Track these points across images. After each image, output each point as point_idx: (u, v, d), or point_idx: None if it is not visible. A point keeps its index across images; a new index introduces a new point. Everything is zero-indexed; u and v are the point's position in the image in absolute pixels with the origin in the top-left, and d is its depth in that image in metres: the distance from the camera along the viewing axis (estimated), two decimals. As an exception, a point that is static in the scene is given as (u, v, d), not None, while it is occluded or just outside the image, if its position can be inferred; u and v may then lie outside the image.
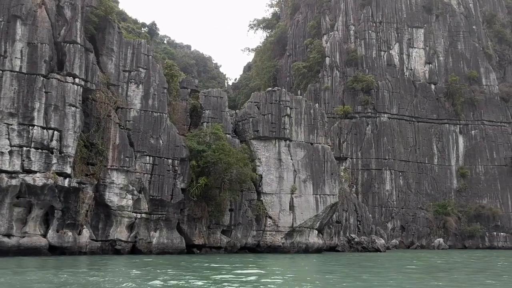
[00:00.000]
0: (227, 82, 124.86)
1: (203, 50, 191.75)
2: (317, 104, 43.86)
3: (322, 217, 40.67)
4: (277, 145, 40.29)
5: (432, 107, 72.11)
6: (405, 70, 72.77)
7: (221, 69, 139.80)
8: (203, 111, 39.19)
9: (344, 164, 67.00)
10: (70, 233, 30.85)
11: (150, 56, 35.98)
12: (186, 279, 18.06)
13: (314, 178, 40.53)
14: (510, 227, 67.57)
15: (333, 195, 40.68)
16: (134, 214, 33.85)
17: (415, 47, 74.13)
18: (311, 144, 41.43)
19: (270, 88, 42.24)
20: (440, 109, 72.26)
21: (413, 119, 70.62)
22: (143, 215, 34.18)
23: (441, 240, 63.13)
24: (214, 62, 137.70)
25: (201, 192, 35.64)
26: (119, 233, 33.41)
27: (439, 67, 74.29)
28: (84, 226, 31.97)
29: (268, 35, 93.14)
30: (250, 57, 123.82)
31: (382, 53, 72.54)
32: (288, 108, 40.83)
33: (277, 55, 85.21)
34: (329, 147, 42.11)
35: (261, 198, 39.56)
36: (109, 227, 33.37)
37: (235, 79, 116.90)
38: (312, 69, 73.38)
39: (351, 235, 46.99)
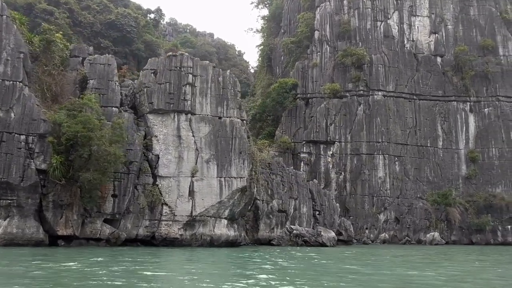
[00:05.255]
0: (249, 70, 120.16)
1: (226, 38, 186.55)
2: (228, 71, 36.85)
3: (231, 204, 33.88)
4: (176, 119, 33.99)
5: (437, 82, 62.65)
6: (405, 42, 63.60)
7: (244, 57, 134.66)
8: (88, 81, 33.75)
9: (331, 148, 59.52)
10: None
11: (4, 16, 30.74)
12: None
13: (219, 158, 33.84)
14: (528, 220, 57.23)
15: (241, 177, 33.67)
16: (-22, 200, 28.99)
17: (418, 15, 64.72)
18: (219, 118, 34.75)
19: (170, 53, 35.98)
20: (447, 85, 62.68)
21: (414, 97, 61.62)
22: (-11, 200, 29.21)
23: (435, 234, 54.24)
24: (237, 50, 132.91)
25: (71, 175, 30.34)
26: (-43, 221, 28.70)
27: (447, 37, 64.53)
28: None
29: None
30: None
31: (378, 23, 63.77)
32: (191, 76, 34.32)
33: (272, 33, 78.25)
34: (240, 121, 35.06)
35: (157, 182, 33.55)
36: (-52, 214, 28.77)
37: (257, 66, 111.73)
38: (301, 45, 66.17)
39: (291, 226, 39.82)
